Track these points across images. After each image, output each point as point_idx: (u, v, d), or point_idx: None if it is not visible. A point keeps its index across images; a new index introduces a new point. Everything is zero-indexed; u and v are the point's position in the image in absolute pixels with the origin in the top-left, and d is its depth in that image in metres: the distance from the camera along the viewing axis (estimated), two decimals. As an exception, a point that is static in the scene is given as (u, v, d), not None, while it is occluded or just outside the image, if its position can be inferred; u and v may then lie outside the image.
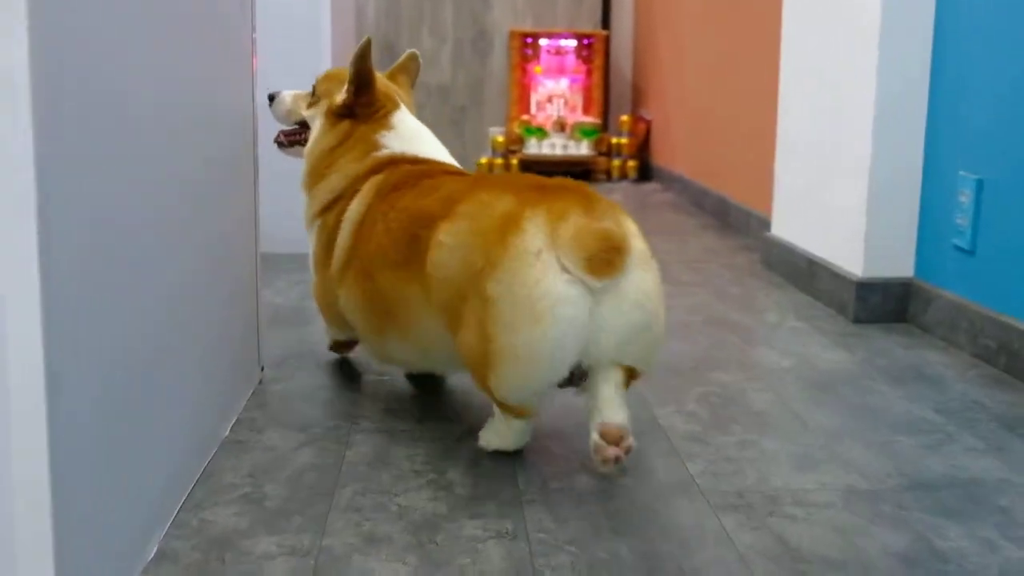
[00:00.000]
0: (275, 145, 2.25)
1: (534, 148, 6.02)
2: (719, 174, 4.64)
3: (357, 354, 2.33)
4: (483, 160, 6.09)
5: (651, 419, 1.96)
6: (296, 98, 2.24)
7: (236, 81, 1.95)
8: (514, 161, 6.00)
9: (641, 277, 1.58)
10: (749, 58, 4.19)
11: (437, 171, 1.93)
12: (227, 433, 1.86)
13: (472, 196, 1.67)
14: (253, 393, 2.08)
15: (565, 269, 1.51)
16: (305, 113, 2.26)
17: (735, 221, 4.28)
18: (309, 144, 2.14)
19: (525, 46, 6.25)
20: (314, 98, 2.19)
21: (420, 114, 2.25)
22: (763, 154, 3.77)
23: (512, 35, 6.25)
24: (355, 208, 1.94)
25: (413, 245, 1.71)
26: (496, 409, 1.70)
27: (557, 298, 1.49)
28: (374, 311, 1.87)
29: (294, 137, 2.23)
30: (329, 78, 2.19)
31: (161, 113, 1.42)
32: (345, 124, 2.07)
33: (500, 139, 6.08)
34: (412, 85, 2.27)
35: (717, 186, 4.64)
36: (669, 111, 5.65)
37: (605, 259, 1.51)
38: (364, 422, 1.93)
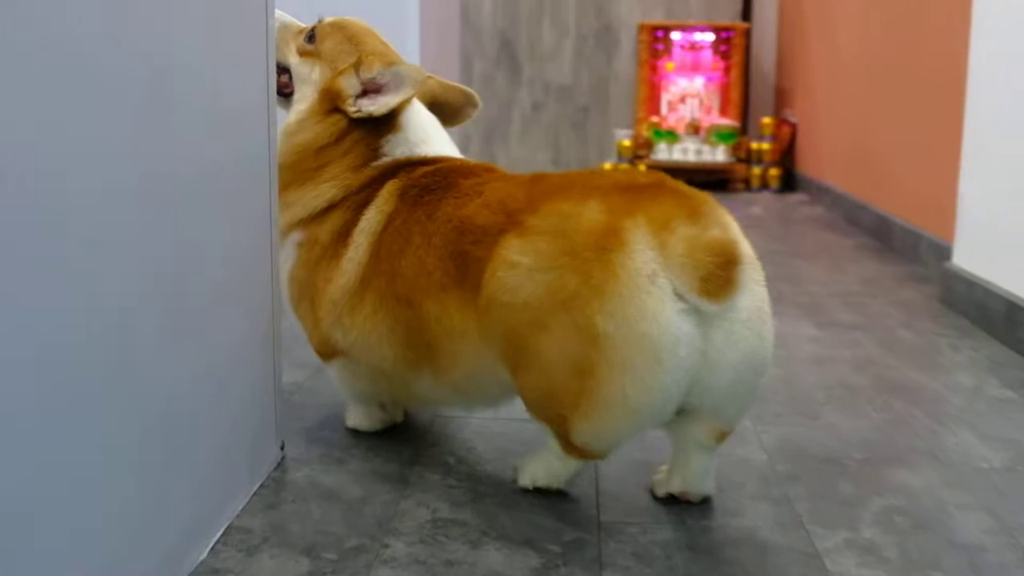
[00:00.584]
0: None
1: (663, 153, 5.41)
2: (880, 187, 3.97)
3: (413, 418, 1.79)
4: (607, 166, 5.51)
5: (811, 556, 1.35)
6: (285, 30, 1.76)
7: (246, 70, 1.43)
8: (642, 167, 5.40)
9: (756, 295, 1.36)
10: (925, 53, 3.50)
11: (469, 168, 1.61)
12: (203, 555, 1.33)
13: (544, 207, 1.39)
14: (262, 486, 1.55)
15: (678, 295, 1.29)
16: (291, 60, 1.73)
17: (899, 244, 3.60)
18: (288, 121, 1.71)
19: (655, 40, 5.65)
20: (311, 47, 1.73)
21: (538, 114, 1.69)
22: (940, 166, 3.12)
23: (641, 28, 5.66)
24: (372, 217, 1.60)
25: (462, 265, 1.45)
26: (552, 444, 1.46)
27: (678, 335, 1.28)
28: (410, 345, 1.54)
29: (281, 88, 1.75)
30: (341, 31, 1.73)
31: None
32: (340, 119, 1.66)
33: (627, 143, 5.50)
34: (455, 121, 1.84)
35: (877, 201, 3.96)
36: (818, 113, 4.98)
37: (723, 276, 1.28)
38: (397, 543, 1.38)
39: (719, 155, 5.37)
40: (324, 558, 1.34)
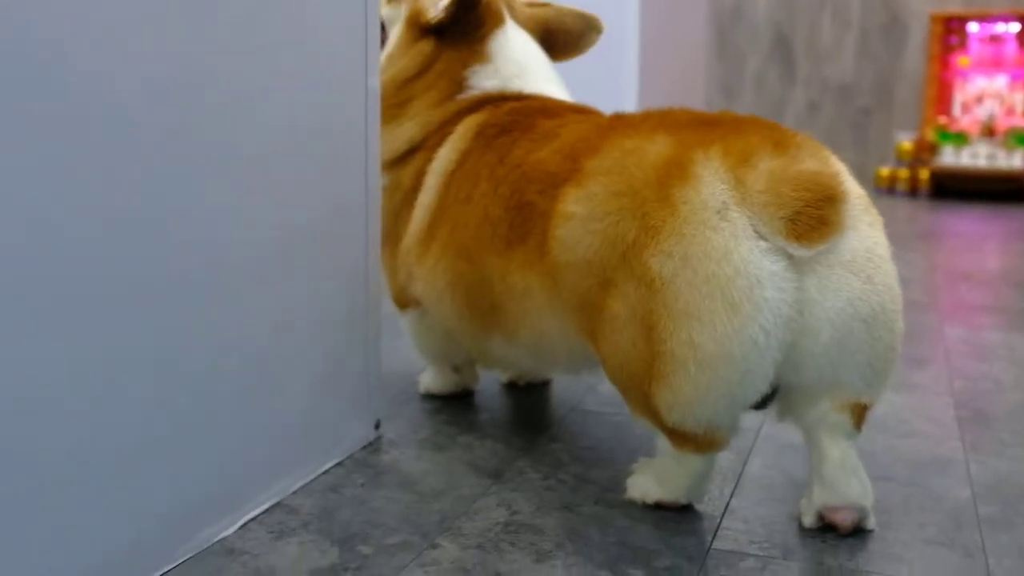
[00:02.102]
0: None
1: (950, 157, 4.81)
2: None
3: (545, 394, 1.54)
4: (884, 171, 4.99)
5: (984, 625, 0.98)
6: None
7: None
8: (923, 174, 4.84)
9: (865, 236, 1.12)
10: None
11: (558, 107, 1.44)
12: (227, 532, 1.15)
13: (607, 144, 1.22)
14: (339, 464, 1.36)
15: (760, 234, 1.08)
16: (383, 11, 1.60)
17: None
18: (381, 59, 1.55)
19: (949, 33, 5.05)
20: None
21: (813, 116, 1.42)
22: None
23: (933, 20, 5.08)
24: (445, 155, 1.46)
25: (528, 217, 1.27)
26: (661, 444, 1.21)
27: (758, 275, 1.06)
28: (473, 304, 1.39)
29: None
30: None
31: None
32: (427, 45, 1.55)
33: (907, 146, 4.95)
34: (576, 50, 1.67)
35: None
36: None
37: (816, 216, 1.06)
38: (450, 545, 1.14)
39: (1016, 161, 4.69)
40: (357, 551, 1.12)
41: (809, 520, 1.19)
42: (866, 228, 1.13)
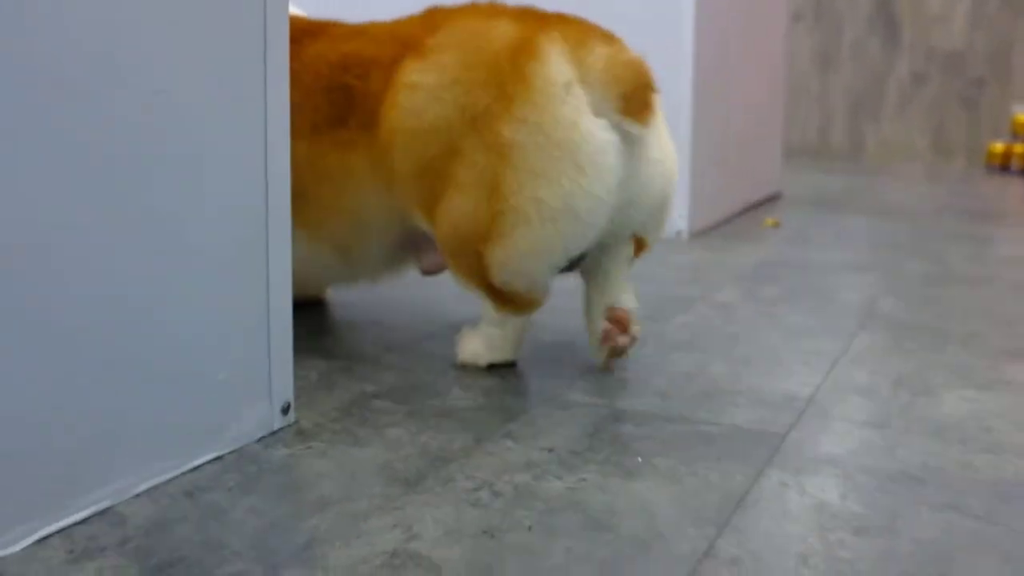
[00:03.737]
0: None
1: (1073, 132, 4.26)
2: None
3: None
4: (997, 146, 4.48)
5: None
6: None
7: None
8: (1039, 148, 4.32)
9: (662, 132, 1.34)
10: None
11: (336, 23, 1.49)
12: (13, 549, 0.84)
13: (448, 24, 1.32)
14: (217, 459, 1.04)
15: (597, 111, 1.24)
16: None
17: None
18: None
19: (1077, -9, 4.48)
20: None
21: (919, 88, 1.46)
22: None
23: (1058, -23, 4.51)
24: None
25: (344, 100, 1.35)
26: (486, 311, 1.36)
27: (602, 144, 1.23)
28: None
29: None
30: None
31: None
32: None
33: (1022, 118, 4.41)
34: None
35: None
36: None
37: (642, 98, 1.25)
38: (258, 569, 0.80)
39: None
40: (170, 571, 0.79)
41: (604, 324, 1.36)
42: (663, 129, 1.33)
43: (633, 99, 1.22)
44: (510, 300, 1.31)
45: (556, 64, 1.22)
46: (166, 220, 0.96)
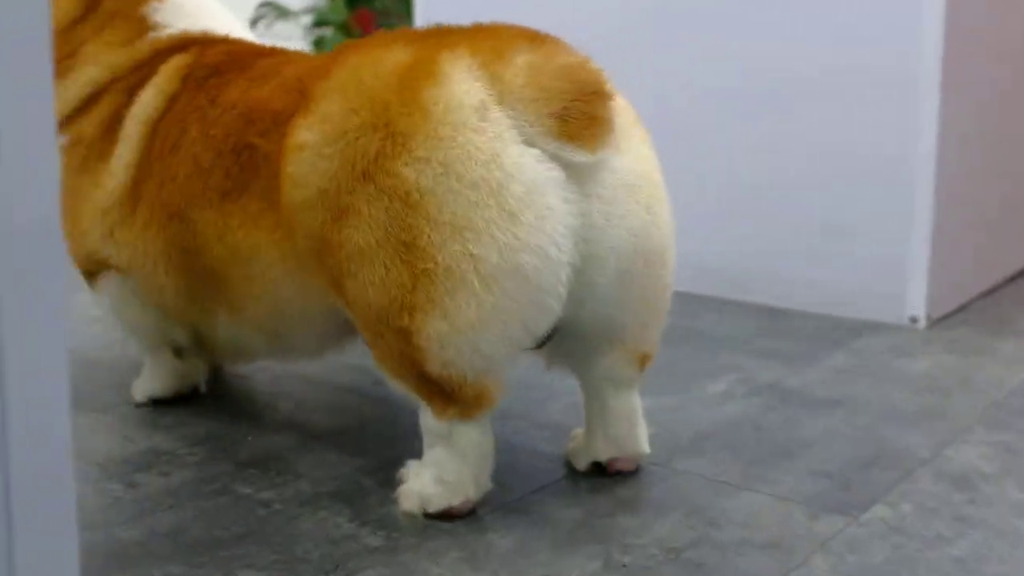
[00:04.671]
0: None
1: None
2: None
3: None
4: None
5: None
6: None
7: None
8: None
9: (642, 157, 1.05)
10: None
11: (276, 50, 1.32)
12: None
13: (336, 65, 1.09)
14: None
15: (528, 139, 0.98)
16: None
17: None
18: None
19: None
20: None
21: None
22: None
23: None
24: (148, 100, 1.29)
25: (249, 163, 1.14)
26: (427, 425, 1.05)
27: (534, 180, 0.97)
28: (189, 270, 1.23)
29: None
30: None
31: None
32: None
33: None
34: None
35: None
36: None
37: (585, 112, 0.98)
38: None
39: None
40: None
41: (582, 464, 1.15)
42: (640, 146, 1.05)
43: (573, 116, 0.97)
44: (453, 396, 1.01)
45: (461, 84, 0.99)
46: None
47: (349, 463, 1.18)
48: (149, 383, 1.38)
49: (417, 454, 1.08)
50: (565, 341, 1.09)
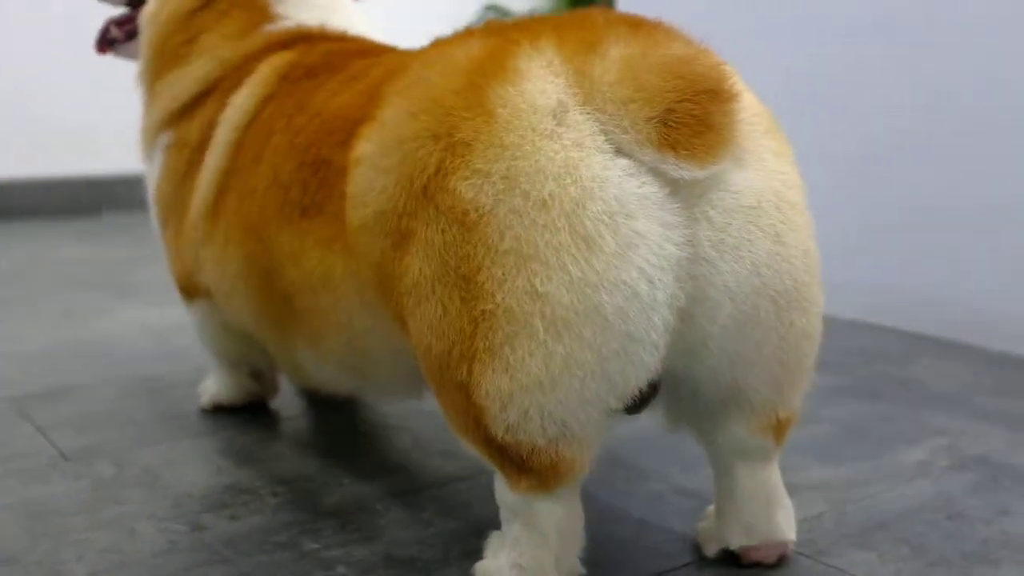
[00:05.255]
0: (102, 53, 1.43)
1: None
2: None
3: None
4: None
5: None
6: None
7: None
8: None
9: (773, 172, 0.82)
10: None
11: (379, 48, 1.19)
12: None
13: (412, 63, 0.93)
14: None
15: (619, 148, 0.77)
16: None
17: None
18: (149, 7, 1.33)
19: None
20: None
21: None
22: None
23: None
24: (241, 103, 1.17)
25: (326, 177, 0.99)
26: (501, 497, 0.86)
27: (620, 198, 0.76)
28: (267, 295, 1.09)
29: (132, 26, 1.38)
30: None
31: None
32: None
33: None
34: None
35: None
36: None
37: (697, 115, 0.76)
38: None
39: None
40: None
41: (711, 550, 0.94)
42: (772, 159, 0.82)
43: (678, 121, 0.75)
44: (527, 465, 0.81)
45: (536, 83, 0.79)
46: None
47: (441, 524, 1.01)
48: (215, 390, 1.35)
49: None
50: (680, 404, 0.89)
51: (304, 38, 1.22)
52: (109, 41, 1.37)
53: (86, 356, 1.63)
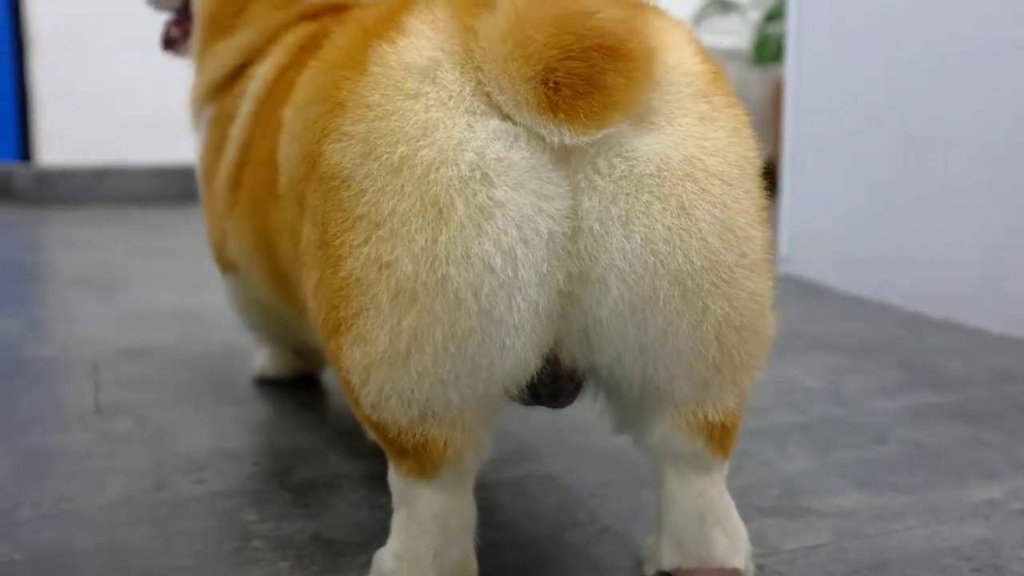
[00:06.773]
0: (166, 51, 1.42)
1: None
2: None
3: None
4: None
5: None
6: None
7: None
8: None
9: (690, 136, 0.70)
10: None
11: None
12: None
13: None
14: None
15: (498, 109, 0.69)
16: None
17: None
18: None
19: None
20: None
21: None
22: None
23: None
24: (262, 74, 1.14)
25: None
26: (389, 474, 0.79)
27: (478, 163, 0.68)
28: (274, 271, 1.05)
29: (188, 24, 1.37)
30: None
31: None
32: None
33: None
34: None
35: None
36: None
37: (586, 75, 0.66)
38: None
39: None
40: None
41: (649, 570, 0.83)
42: (693, 123, 0.70)
43: (559, 78, 0.65)
44: (399, 446, 0.74)
45: (415, 39, 0.72)
46: None
47: (387, 507, 0.95)
48: (262, 364, 1.36)
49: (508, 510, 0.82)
50: (609, 401, 0.79)
51: (337, 8, 1.17)
52: (170, 41, 1.39)
53: (187, 321, 1.68)
